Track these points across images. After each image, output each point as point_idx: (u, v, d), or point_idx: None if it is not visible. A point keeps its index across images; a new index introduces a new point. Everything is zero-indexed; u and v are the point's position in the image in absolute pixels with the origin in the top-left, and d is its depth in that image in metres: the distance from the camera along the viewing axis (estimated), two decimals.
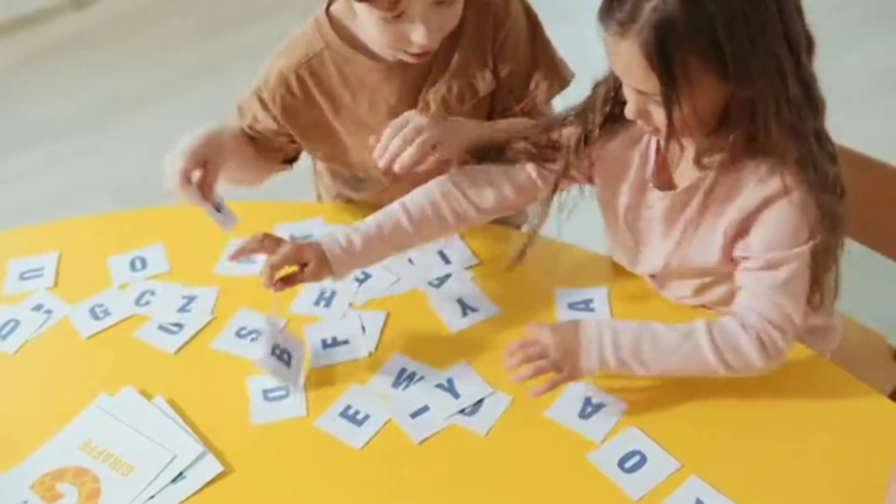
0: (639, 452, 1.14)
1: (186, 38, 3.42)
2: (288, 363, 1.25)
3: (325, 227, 1.52)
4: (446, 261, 1.43)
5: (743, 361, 1.14)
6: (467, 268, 1.42)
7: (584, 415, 1.19)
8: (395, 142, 1.22)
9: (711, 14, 1.00)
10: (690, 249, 1.21)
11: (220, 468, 1.17)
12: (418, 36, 1.19)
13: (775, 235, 1.13)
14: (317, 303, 1.38)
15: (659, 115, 1.08)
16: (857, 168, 1.41)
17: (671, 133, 1.08)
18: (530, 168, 1.29)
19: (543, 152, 1.28)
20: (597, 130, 1.23)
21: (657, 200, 1.23)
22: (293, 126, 1.43)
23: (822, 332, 1.36)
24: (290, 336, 1.29)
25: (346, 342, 1.31)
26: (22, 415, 1.29)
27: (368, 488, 1.15)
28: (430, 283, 1.40)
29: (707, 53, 1.01)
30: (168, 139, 1.32)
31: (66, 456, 1.20)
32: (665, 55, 1.02)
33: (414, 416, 1.22)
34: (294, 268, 1.25)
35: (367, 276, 1.42)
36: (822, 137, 1.12)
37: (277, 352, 1.24)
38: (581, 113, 1.24)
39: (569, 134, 1.26)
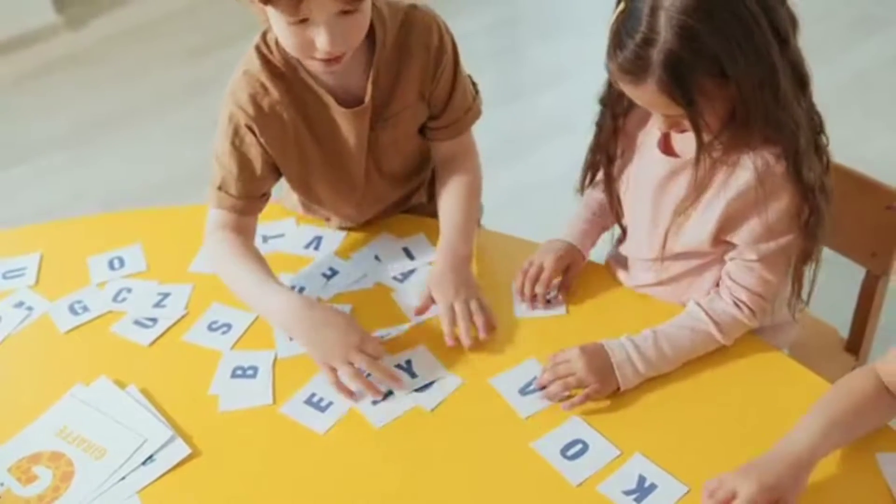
0: (581, 441, 1.19)
1: (173, 58, 3.50)
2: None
3: (297, 227, 1.59)
4: (411, 257, 1.50)
5: (742, 329, 1.30)
6: (431, 262, 1.47)
7: (524, 391, 1.26)
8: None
9: (706, 36, 1.10)
10: (683, 229, 1.30)
11: (188, 451, 1.22)
12: (322, 42, 1.24)
13: (766, 225, 1.23)
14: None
15: (688, 124, 1.19)
16: None
17: (701, 141, 1.19)
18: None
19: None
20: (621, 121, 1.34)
21: (659, 164, 1.31)
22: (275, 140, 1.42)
23: (782, 327, 1.43)
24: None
25: None
26: (1, 404, 1.34)
27: (328, 471, 1.20)
28: (395, 278, 1.46)
29: (713, 70, 1.12)
30: (155, 154, 1.38)
31: (42, 441, 1.25)
32: (682, 87, 1.12)
33: (375, 402, 1.27)
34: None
35: (335, 272, 1.48)
36: (810, 112, 1.21)
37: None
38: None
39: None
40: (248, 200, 1.43)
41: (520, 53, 3.51)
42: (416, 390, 1.28)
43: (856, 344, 1.55)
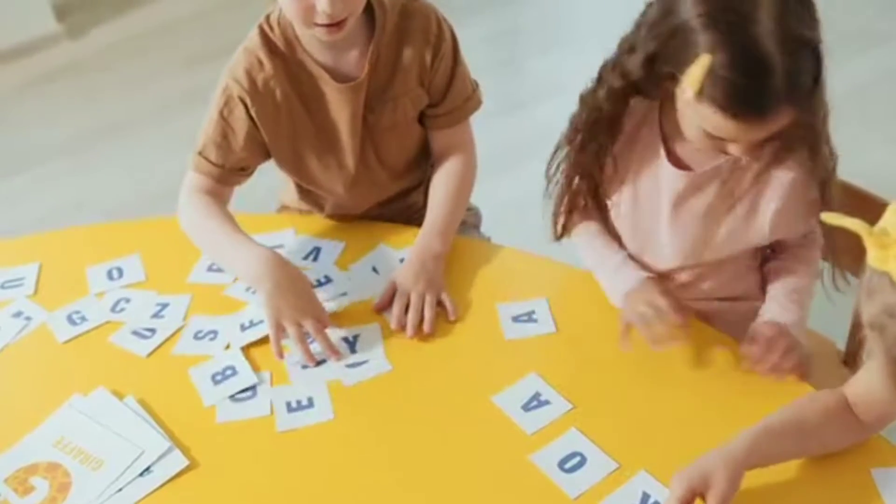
0: (579, 454, 1.19)
1: (173, 68, 3.50)
2: None
3: (296, 238, 1.58)
4: None
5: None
6: None
7: (527, 408, 1.25)
8: None
9: (809, 35, 1.18)
10: (731, 236, 1.30)
11: (186, 462, 1.22)
12: (322, 3, 1.28)
13: (804, 218, 1.31)
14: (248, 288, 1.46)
15: (737, 148, 1.19)
16: None
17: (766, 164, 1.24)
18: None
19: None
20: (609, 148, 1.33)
21: (674, 179, 1.30)
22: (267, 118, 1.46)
23: None
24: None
25: (262, 322, 1.38)
26: None
27: (327, 478, 1.21)
28: None
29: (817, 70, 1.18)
30: (155, 163, 1.39)
31: (39, 452, 1.25)
32: (803, 98, 1.16)
33: (305, 367, 1.34)
34: None
35: (329, 280, 1.49)
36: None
37: None
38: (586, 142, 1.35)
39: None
40: (224, 170, 1.48)
41: (519, 65, 3.52)
42: (347, 366, 1.33)
43: (852, 357, 1.55)
